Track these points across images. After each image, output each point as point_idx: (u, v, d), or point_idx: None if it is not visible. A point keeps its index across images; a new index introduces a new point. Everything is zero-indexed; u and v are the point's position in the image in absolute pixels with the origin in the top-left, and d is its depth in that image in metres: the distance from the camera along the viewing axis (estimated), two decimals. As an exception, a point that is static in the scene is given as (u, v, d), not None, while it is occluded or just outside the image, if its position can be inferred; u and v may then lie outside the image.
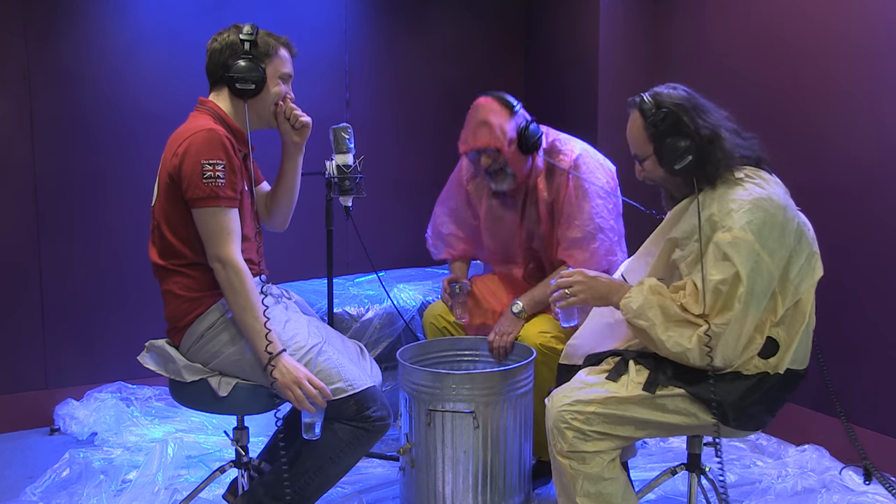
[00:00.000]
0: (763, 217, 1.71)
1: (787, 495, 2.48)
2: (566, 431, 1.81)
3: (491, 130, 2.42)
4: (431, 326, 2.72)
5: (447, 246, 2.83)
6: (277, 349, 1.95)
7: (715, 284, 1.70)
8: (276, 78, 2.09)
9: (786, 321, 1.80)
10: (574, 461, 1.81)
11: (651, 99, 1.83)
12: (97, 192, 3.27)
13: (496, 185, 2.53)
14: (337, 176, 2.40)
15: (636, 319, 1.78)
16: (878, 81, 2.62)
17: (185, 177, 1.94)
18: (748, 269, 1.69)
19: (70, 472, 2.60)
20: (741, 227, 1.70)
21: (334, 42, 3.68)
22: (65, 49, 3.17)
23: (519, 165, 2.49)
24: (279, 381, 1.93)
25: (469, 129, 2.50)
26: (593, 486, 1.81)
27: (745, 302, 1.69)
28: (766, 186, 1.78)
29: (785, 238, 1.74)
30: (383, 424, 2.04)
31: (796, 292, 1.78)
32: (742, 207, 1.72)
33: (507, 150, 2.43)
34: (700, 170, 1.79)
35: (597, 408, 1.80)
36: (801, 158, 2.87)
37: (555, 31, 3.82)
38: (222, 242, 1.94)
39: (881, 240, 2.65)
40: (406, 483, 2.34)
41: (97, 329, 3.31)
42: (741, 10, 3.09)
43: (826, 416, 2.82)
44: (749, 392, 1.77)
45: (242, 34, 2.04)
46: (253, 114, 2.09)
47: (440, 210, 2.86)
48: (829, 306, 2.77)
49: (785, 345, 1.79)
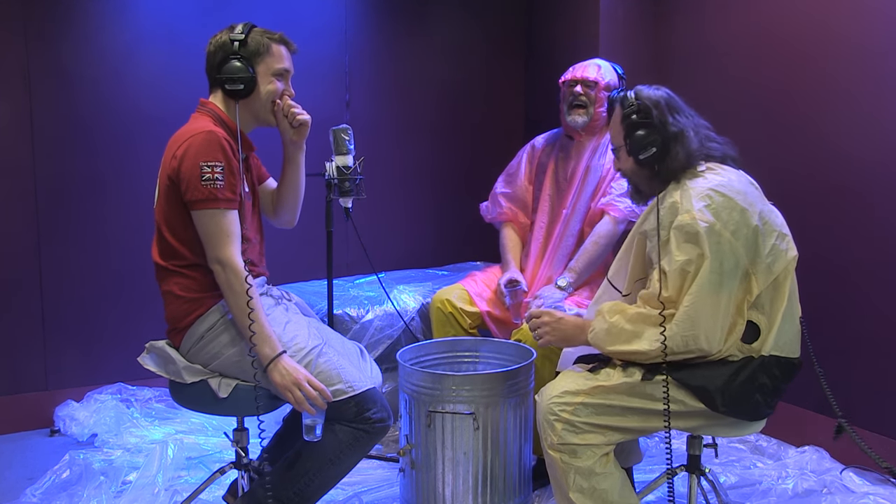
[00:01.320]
0: (721, 200, 1.79)
1: (787, 497, 2.48)
2: (555, 424, 1.85)
3: (597, 69, 2.76)
4: (438, 311, 2.74)
5: (497, 206, 2.97)
6: (277, 350, 1.95)
7: (680, 266, 1.76)
8: (270, 76, 2.07)
9: (765, 304, 1.83)
10: (565, 454, 1.84)
11: (632, 94, 1.94)
12: (97, 194, 3.27)
13: (574, 117, 2.76)
14: (337, 177, 2.40)
15: (611, 347, 1.85)
16: (879, 81, 2.62)
17: (183, 178, 1.94)
18: (711, 247, 1.74)
19: (70, 473, 2.60)
20: (699, 209, 1.77)
21: (334, 43, 3.68)
22: (65, 50, 3.17)
23: (601, 110, 2.75)
24: (279, 383, 1.93)
25: (580, 64, 2.81)
26: (586, 481, 1.84)
27: (713, 281, 1.74)
28: (725, 175, 1.87)
29: (745, 217, 1.79)
30: (383, 426, 2.04)
31: (769, 271, 1.82)
32: (701, 192, 1.81)
33: (601, 91, 2.73)
34: (662, 163, 1.88)
35: (584, 398, 1.84)
36: (802, 158, 2.87)
37: (555, 33, 3.82)
38: (221, 244, 1.94)
39: (881, 237, 2.65)
40: (406, 484, 2.34)
41: (97, 330, 3.31)
42: (741, 10, 3.09)
43: (826, 418, 2.81)
44: (734, 375, 1.79)
45: (233, 34, 2.05)
46: (248, 113, 2.09)
47: (501, 176, 3.02)
48: (830, 306, 2.78)
49: (766, 328, 1.82)
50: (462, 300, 2.75)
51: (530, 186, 2.93)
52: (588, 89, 2.74)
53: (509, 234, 2.93)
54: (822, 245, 2.78)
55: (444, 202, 3.99)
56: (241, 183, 2.03)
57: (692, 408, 1.82)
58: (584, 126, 2.76)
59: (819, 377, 1.92)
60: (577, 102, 2.75)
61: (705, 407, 1.80)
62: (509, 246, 2.90)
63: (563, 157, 2.86)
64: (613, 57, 3.46)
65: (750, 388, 1.80)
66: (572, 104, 2.76)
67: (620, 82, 2.79)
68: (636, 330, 1.81)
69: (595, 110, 2.74)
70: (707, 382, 1.78)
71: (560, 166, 2.86)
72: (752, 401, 1.81)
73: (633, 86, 1.98)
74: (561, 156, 2.87)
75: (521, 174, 2.94)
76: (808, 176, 2.84)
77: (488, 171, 3.38)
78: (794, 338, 1.88)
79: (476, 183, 3.73)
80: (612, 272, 2.08)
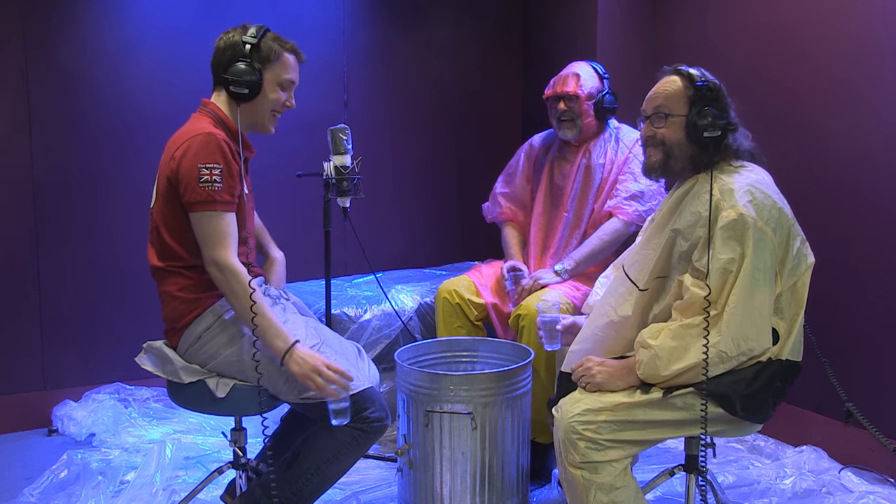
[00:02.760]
0: (762, 197, 1.78)
1: (785, 496, 2.48)
2: (578, 442, 1.80)
3: (576, 80, 2.73)
4: (445, 302, 2.74)
5: (496, 206, 2.99)
6: (290, 341, 1.94)
7: (723, 264, 1.73)
8: (276, 84, 2.06)
9: (784, 309, 1.82)
10: (586, 471, 1.80)
11: (701, 72, 1.90)
12: (96, 194, 3.27)
13: (563, 131, 2.78)
14: (335, 177, 2.40)
15: (666, 372, 1.77)
16: (881, 80, 2.61)
17: (182, 180, 1.94)
18: (755, 244, 1.73)
19: (68, 473, 2.60)
20: (744, 204, 1.75)
21: (332, 43, 3.67)
22: (63, 48, 3.16)
23: (588, 121, 2.75)
24: (297, 373, 1.92)
25: (558, 77, 2.79)
26: (606, 496, 1.80)
27: (758, 278, 1.72)
28: (758, 173, 1.87)
29: (783, 217, 1.79)
30: (381, 425, 2.04)
31: (793, 274, 1.81)
32: (742, 188, 1.78)
33: (584, 102, 2.72)
34: (718, 146, 1.85)
35: (607, 416, 1.80)
36: (804, 157, 2.87)
37: (553, 33, 3.82)
38: (219, 246, 1.94)
39: (883, 236, 2.65)
40: (404, 484, 2.34)
41: (95, 330, 3.31)
42: (739, 10, 3.09)
43: (824, 418, 2.82)
44: (753, 380, 1.78)
45: (246, 35, 2.03)
46: (248, 117, 2.08)
47: (500, 176, 3.03)
48: (830, 305, 2.78)
49: (785, 333, 1.81)
50: (469, 291, 2.75)
51: (528, 185, 2.94)
52: (571, 104, 2.73)
53: (510, 231, 2.94)
54: (822, 244, 2.78)
55: (441, 202, 3.99)
56: (241, 185, 2.02)
57: (712, 413, 1.79)
58: (575, 138, 2.78)
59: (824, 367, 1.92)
60: (563, 118, 2.75)
61: (724, 412, 1.79)
62: (511, 242, 2.91)
63: (560, 157, 2.86)
64: (611, 57, 3.47)
65: (766, 393, 1.79)
66: (559, 119, 2.76)
67: (603, 83, 2.77)
68: (683, 344, 1.75)
69: (583, 122, 2.74)
70: (729, 389, 1.76)
71: (557, 165, 2.86)
72: (767, 404, 1.81)
73: (629, 87, 1.97)
74: (558, 155, 2.87)
75: (520, 173, 2.95)
76: (812, 174, 2.84)
77: (486, 171, 3.38)
78: (800, 340, 1.87)
79: (474, 183, 3.75)
80: (627, 264, 2.01)
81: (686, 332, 1.76)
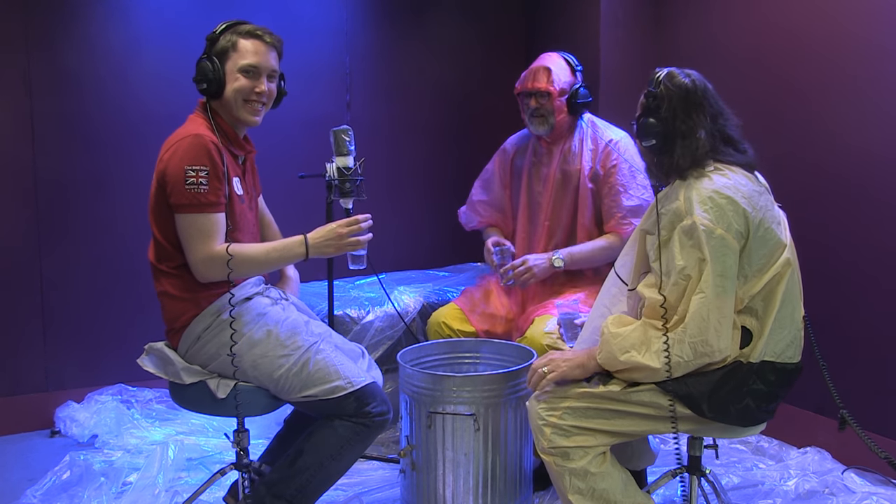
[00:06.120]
0: (724, 203, 1.75)
1: (789, 498, 2.47)
2: (544, 428, 1.86)
3: (548, 76, 2.64)
4: (436, 335, 2.72)
5: (476, 213, 2.96)
6: (302, 242, 2.05)
7: (681, 270, 1.74)
8: (236, 73, 2.06)
9: (758, 309, 1.80)
10: (557, 457, 1.85)
11: (664, 76, 1.89)
12: (97, 195, 3.27)
13: (535, 127, 2.70)
14: (337, 178, 2.40)
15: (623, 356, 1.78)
16: (887, 78, 2.61)
17: (169, 182, 1.96)
18: (713, 252, 1.72)
19: (70, 474, 2.60)
20: (700, 213, 1.74)
21: (335, 44, 3.67)
22: (65, 49, 3.17)
23: (561, 117, 2.67)
24: (331, 254, 2.09)
25: (529, 72, 2.70)
26: (582, 482, 1.84)
27: (718, 284, 1.72)
28: (733, 177, 1.82)
29: (747, 221, 1.76)
30: (383, 420, 2.04)
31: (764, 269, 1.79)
32: (704, 195, 1.77)
33: (556, 99, 2.64)
34: (661, 155, 1.86)
35: (571, 402, 1.85)
36: (807, 157, 2.86)
37: (555, 35, 3.81)
38: (202, 246, 1.96)
39: (884, 236, 2.64)
40: (406, 485, 2.33)
41: (97, 331, 3.31)
42: (742, 11, 3.09)
43: (828, 419, 2.81)
44: (722, 381, 1.77)
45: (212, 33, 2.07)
46: (226, 114, 2.10)
47: (476, 183, 2.99)
48: (831, 305, 2.77)
49: (757, 333, 1.80)
50: (457, 320, 2.72)
51: (506, 191, 2.91)
52: (542, 100, 2.65)
53: (493, 230, 2.93)
54: (822, 243, 2.78)
55: (444, 203, 3.98)
56: (228, 186, 2.02)
57: (680, 413, 1.80)
58: (547, 134, 2.72)
59: (821, 369, 1.91)
60: (534, 115, 2.68)
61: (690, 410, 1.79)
62: (492, 232, 2.90)
63: (536, 163, 2.81)
64: (614, 57, 3.46)
65: (739, 394, 1.78)
66: (531, 115, 2.69)
67: (576, 75, 2.70)
68: (644, 339, 1.77)
69: (555, 119, 2.66)
70: (693, 389, 1.77)
71: (534, 173, 2.81)
72: (743, 406, 1.79)
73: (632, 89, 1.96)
74: (534, 160, 2.82)
75: (497, 180, 2.92)
76: (815, 174, 2.83)
77: (489, 172, 3.37)
78: (792, 342, 1.85)
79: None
80: (618, 264, 2.06)
81: (647, 332, 1.78)
